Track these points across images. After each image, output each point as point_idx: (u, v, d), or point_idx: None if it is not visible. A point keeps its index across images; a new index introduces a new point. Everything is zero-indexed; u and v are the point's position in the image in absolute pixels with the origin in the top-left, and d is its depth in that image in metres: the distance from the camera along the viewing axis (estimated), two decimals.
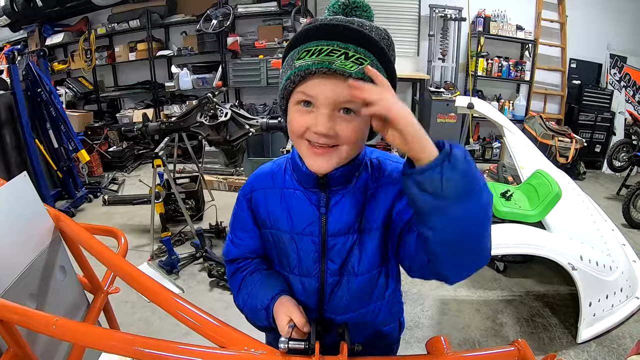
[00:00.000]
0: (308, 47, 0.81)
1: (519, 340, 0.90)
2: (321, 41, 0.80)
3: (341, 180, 0.94)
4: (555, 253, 2.56)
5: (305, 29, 0.84)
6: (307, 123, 0.84)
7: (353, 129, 0.83)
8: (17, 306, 1.04)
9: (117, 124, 6.50)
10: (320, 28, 0.82)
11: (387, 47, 0.85)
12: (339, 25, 0.81)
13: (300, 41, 0.83)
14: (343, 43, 0.79)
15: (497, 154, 6.53)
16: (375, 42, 0.81)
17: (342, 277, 0.99)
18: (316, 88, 0.81)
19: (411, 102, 6.62)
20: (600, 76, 6.58)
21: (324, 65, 0.78)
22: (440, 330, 2.72)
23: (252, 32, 6.34)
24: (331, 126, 0.82)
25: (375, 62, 0.81)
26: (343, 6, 0.88)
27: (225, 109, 3.41)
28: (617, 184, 5.42)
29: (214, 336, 0.91)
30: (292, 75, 0.82)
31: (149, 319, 2.78)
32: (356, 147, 0.89)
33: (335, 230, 0.96)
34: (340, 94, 0.80)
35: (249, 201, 1.05)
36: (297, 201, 0.98)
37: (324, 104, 0.81)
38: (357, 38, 0.80)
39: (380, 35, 0.84)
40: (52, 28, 6.66)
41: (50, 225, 1.49)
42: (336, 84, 0.79)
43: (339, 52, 0.78)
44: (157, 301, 1.08)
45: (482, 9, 6.14)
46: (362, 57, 0.79)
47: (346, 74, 0.78)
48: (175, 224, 4.10)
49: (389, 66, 0.84)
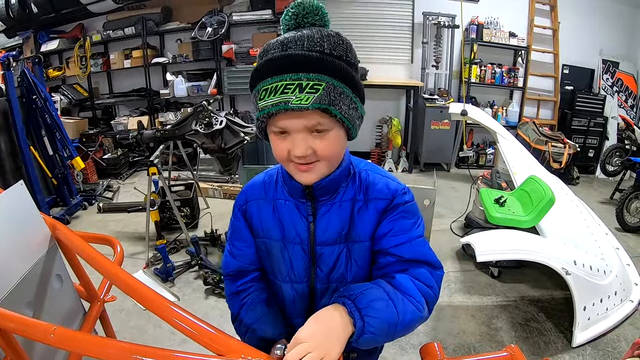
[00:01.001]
0: (265, 86, 0.85)
1: (512, 346, 0.91)
2: (274, 77, 0.83)
3: (326, 191, 0.98)
4: (549, 258, 2.58)
5: (259, 65, 0.87)
6: (287, 147, 0.89)
7: (328, 144, 0.89)
8: (15, 315, 1.04)
9: (112, 131, 6.48)
10: (270, 63, 0.84)
11: (343, 53, 0.86)
12: (286, 55, 0.83)
13: (257, 78, 0.87)
14: (295, 74, 0.82)
15: (491, 160, 6.58)
16: (325, 62, 0.83)
17: (331, 284, 1.03)
18: (285, 123, 0.86)
19: (405, 109, 6.66)
20: (593, 82, 6.64)
21: (280, 107, 0.82)
22: (436, 336, 2.73)
23: (247, 40, 6.35)
24: (308, 147, 0.87)
25: (330, 80, 0.83)
26: (294, 16, 0.89)
27: (220, 117, 3.42)
28: (611, 189, 5.46)
29: (210, 344, 0.91)
30: (260, 116, 0.88)
31: (144, 327, 2.77)
32: (336, 158, 0.95)
33: (322, 240, 1.00)
34: (307, 122, 0.85)
35: (243, 212, 1.09)
36: (287, 211, 1.03)
37: (296, 131, 0.86)
38: (307, 63, 0.82)
39: (332, 44, 0.85)
40: (47, 35, 6.65)
41: (47, 233, 1.49)
42: (300, 116, 0.84)
43: (293, 85, 0.81)
44: (153, 309, 1.08)
45: (475, 16, 6.20)
46: (317, 83, 0.82)
47: (303, 108, 0.82)
48: (170, 232, 4.10)
49: (346, 76, 0.86)
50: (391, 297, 0.88)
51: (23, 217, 1.42)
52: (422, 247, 0.99)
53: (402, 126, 6.48)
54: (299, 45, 0.83)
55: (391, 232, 0.97)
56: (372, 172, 1.02)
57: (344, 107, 0.86)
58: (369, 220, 0.99)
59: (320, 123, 0.85)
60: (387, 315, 0.85)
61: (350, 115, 0.88)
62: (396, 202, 0.98)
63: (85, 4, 5.84)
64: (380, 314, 0.84)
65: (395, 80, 6.31)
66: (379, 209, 0.98)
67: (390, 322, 0.85)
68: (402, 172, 6.33)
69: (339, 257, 1.01)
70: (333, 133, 0.88)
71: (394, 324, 0.85)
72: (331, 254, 1.01)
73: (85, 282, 1.62)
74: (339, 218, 0.99)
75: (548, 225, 3.04)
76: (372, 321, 0.83)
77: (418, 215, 1.02)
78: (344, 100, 0.86)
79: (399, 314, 0.86)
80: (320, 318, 0.84)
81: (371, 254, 1.02)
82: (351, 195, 0.99)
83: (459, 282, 3.37)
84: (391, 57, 6.42)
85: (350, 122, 0.89)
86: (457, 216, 4.50)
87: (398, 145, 6.28)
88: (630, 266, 3.31)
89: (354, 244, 1.00)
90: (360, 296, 0.86)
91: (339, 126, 0.88)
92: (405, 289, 0.91)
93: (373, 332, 0.82)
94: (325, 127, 0.86)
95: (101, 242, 1.74)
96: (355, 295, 0.86)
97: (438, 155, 6.38)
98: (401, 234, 0.97)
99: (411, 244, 0.97)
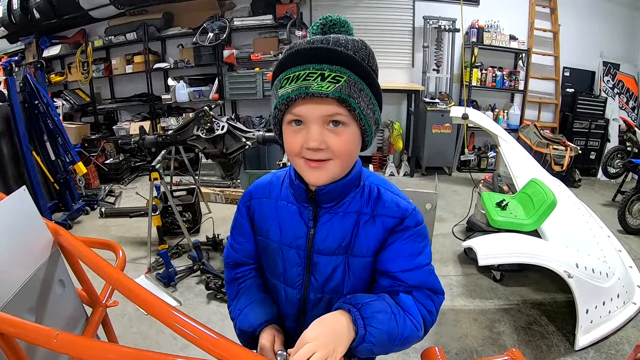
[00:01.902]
0: (287, 75, 0.86)
1: (513, 350, 0.91)
2: (297, 67, 0.85)
3: (331, 198, 0.97)
4: (551, 261, 2.58)
5: (283, 57, 0.89)
6: (300, 141, 0.88)
7: (343, 140, 0.88)
8: (18, 320, 1.05)
9: (114, 136, 6.50)
10: (295, 54, 0.86)
11: (365, 57, 0.88)
12: (311, 48, 0.85)
13: (280, 69, 0.88)
14: (318, 64, 0.83)
15: (493, 164, 6.58)
16: (349, 57, 0.85)
17: (325, 294, 1.02)
18: (302, 110, 0.86)
19: (406, 113, 6.67)
20: (594, 84, 6.66)
21: (301, 91, 0.83)
22: (438, 340, 2.72)
23: (248, 45, 6.37)
24: (322, 140, 0.86)
25: (352, 75, 0.85)
26: (321, 26, 0.92)
27: (222, 122, 3.43)
28: (613, 191, 5.46)
29: (212, 349, 0.91)
30: (278, 104, 0.88)
31: (146, 332, 2.77)
32: (348, 159, 0.93)
33: (320, 248, 0.99)
34: (326, 110, 0.85)
35: (247, 208, 1.10)
36: (289, 214, 1.02)
37: (312, 120, 0.86)
38: (331, 57, 0.84)
39: (356, 47, 0.87)
40: (49, 40, 6.68)
41: (50, 239, 1.49)
42: (319, 102, 0.85)
43: (315, 74, 0.83)
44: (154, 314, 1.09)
45: (476, 19, 6.22)
46: (339, 75, 0.83)
47: (323, 95, 0.82)
48: (172, 237, 4.10)
49: (367, 76, 0.88)
50: (394, 311, 0.91)
51: (26, 222, 1.42)
52: (429, 276, 0.99)
53: (404, 130, 6.49)
54: (324, 43, 0.85)
55: (400, 255, 0.97)
56: (382, 188, 1.01)
57: (363, 104, 0.87)
58: (374, 235, 0.98)
59: (339, 113, 0.85)
60: (388, 328, 0.88)
61: (368, 115, 0.89)
62: (407, 223, 0.97)
63: (87, 10, 5.89)
64: (382, 326, 0.87)
65: (396, 84, 6.32)
66: (386, 227, 0.97)
67: (391, 335, 0.88)
68: (403, 176, 6.33)
69: (336, 269, 1.00)
70: (349, 130, 0.88)
71: (394, 338, 0.89)
72: (328, 264, 1.00)
73: (88, 287, 1.62)
74: (341, 229, 0.98)
75: (550, 228, 3.04)
76: (373, 331, 0.86)
77: (427, 238, 1.02)
78: (363, 97, 0.87)
79: (399, 329, 0.89)
80: (326, 321, 0.87)
81: (371, 270, 1.01)
82: (357, 207, 0.98)
83: (461, 285, 3.36)
84: (392, 61, 6.44)
85: (367, 122, 0.89)
86: (458, 220, 4.50)
87: (399, 149, 6.29)
88: (633, 268, 3.30)
89: (355, 258, 0.99)
90: (366, 306, 0.89)
91: (355, 124, 0.88)
92: (407, 308, 0.94)
93: (373, 342, 0.85)
94: (343, 119, 0.86)
95: (103, 248, 1.75)
96: (361, 305, 0.89)
97: (439, 159, 6.37)
98: (410, 258, 0.97)
99: (419, 272, 0.97)
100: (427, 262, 0.99)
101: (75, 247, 1.47)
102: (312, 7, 6.30)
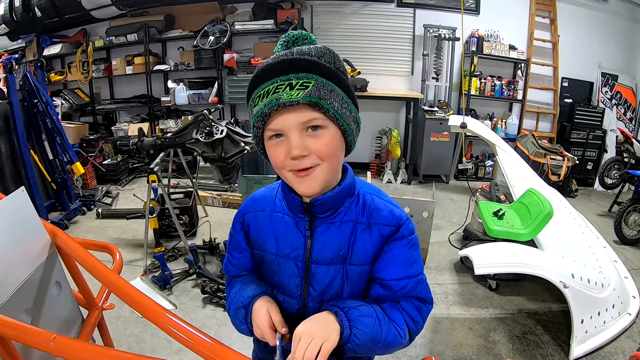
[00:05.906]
0: (258, 92, 0.88)
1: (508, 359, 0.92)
2: (266, 82, 0.86)
3: (326, 208, 0.97)
4: (547, 271, 2.59)
5: (252, 77, 0.91)
6: (283, 152, 0.89)
7: (325, 142, 0.89)
8: (15, 322, 1.05)
9: (112, 137, 6.48)
10: (262, 71, 0.88)
11: (331, 61, 0.90)
12: (276, 62, 0.87)
13: (252, 88, 0.90)
14: (285, 75, 0.85)
15: (490, 173, 6.60)
16: (313, 62, 0.86)
17: (324, 303, 1.02)
18: (279, 122, 0.87)
19: (405, 120, 6.69)
20: (592, 94, 6.69)
21: (273, 103, 0.85)
22: (433, 349, 2.72)
23: (249, 49, 6.38)
24: (304, 146, 0.87)
25: (320, 79, 0.86)
26: (285, 43, 0.93)
27: (221, 126, 3.43)
28: (609, 201, 5.49)
29: (206, 353, 0.92)
30: (255, 122, 0.90)
31: (141, 335, 2.76)
32: (335, 161, 0.93)
33: (318, 258, 1.00)
34: (300, 117, 0.86)
35: (242, 223, 1.11)
36: (284, 226, 1.03)
37: (289, 129, 0.87)
38: (295, 66, 0.86)
39: (320, 53, 0.88)
40: (50, 39, 6.69)
41: (47, 240, 1.49)
42: (292, 111, 0.86)
43: (284, 85, 0.85)
44: (149, 317, 1.09)
45: (476, 29, 6.25)
46: (306, 81, 0.85)
47: (294, 102, 0.84)
48: (168, 240, 4.09)
49: (336, 77, 0.89)
50: (379, 317, 0.95)
51: (24, 223, 1.42)
52: (420, 285, 1.02)
53: (402, 138, 6.50)
54: (289, 55, 0.87)
55: (395, 263, 0.99)
56: (377, 197, 1.02)
57: (336, 104, 0.88)
58: (371, 243, 0.99)
59: (315, 118, 0.86)
60: (372, 332, 0.92)
61: (344, 114, 0.90)
62: (403, 232, 0.99)
63: (89, 10, 5.88)
64: (367, 329, 0.91)
65: (395, 91, 6.34)
66: (383, 235, 0.99)
67: (374, 339, 0.92)
68: (401, 184, 6.34)
69: (334, 278, 1.01)
70: (328, 132, 0.88)
71: (377, 342, 0.93)
72: (326, 273, 1.00)
73: (84, 289, 1.62)
74: (338, 238, 0.99)
75: (546, 238, 3.05)
76: (358, 333, 0.90)
77: (419, 248, 1.05)
78: (335, 97, 0.87)
79: (382, 334, 0.93)
80: (314, 317, 0.93)
81: (369, 278, 1.03)
82: (353, 216, 0.99)
83: (457, 294, 3.37)
84: (392, 69, 6.47)
85: (344, 121, 0.90)
86: (455, 228, 4.50)
87: (397, 156, 6.30)
88: (628, 279, 3.31)
89: (352, 267, 1.00)
90: (352, 310, 0.93)
91: (333, 125, 0.89)
92: (393, 316, 0.98)
93: (357, 343, 0.90)
94: (320, 123, 0.87)
95: (101, 250, 1.75)
96: (348, 308, 0.93)
97: (437, 167, 6.38)
98: (404, 267, 0.99)
99: (411, 280, 1.00)
100: (419, 272, 1.02)
101: (73, 249, 1.47)
102: (313, 13, 6.32)
